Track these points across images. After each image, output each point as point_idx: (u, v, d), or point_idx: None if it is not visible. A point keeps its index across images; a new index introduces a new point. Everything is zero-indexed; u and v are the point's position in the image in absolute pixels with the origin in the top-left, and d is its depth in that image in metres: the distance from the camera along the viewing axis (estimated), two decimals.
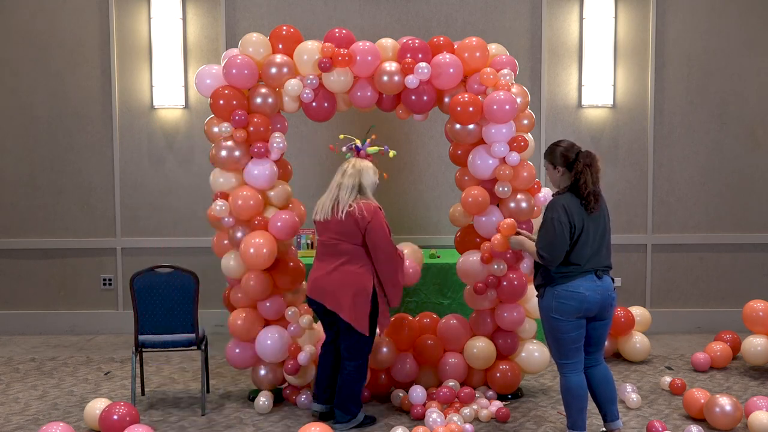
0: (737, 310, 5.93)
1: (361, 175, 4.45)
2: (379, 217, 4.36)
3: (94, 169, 6.77)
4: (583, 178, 4.06)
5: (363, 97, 4.85)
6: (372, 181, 4.49)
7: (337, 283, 4.35)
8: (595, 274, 4.05)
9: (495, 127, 4.69)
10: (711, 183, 6.77)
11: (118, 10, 6.65)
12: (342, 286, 4.34)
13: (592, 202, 4.05)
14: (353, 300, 4.31)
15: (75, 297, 6.84)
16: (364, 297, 4.33)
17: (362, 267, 4.36)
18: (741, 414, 4.50)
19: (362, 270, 4.36)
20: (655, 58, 6.67)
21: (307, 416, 4.76)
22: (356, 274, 4.35)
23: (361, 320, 4.33)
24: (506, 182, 4.76)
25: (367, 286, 4.33)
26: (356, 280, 4.34)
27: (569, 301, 3.99)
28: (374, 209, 4.36)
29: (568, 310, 4.00)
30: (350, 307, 4.31)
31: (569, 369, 4.11)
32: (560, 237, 3.96)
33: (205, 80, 4.81)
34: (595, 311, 4.05)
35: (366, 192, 4.44)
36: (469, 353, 4.92)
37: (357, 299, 4.32)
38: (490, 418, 4.65)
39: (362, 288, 4.33)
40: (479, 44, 4.83)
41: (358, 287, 4.33)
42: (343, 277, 4.35)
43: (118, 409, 4.33)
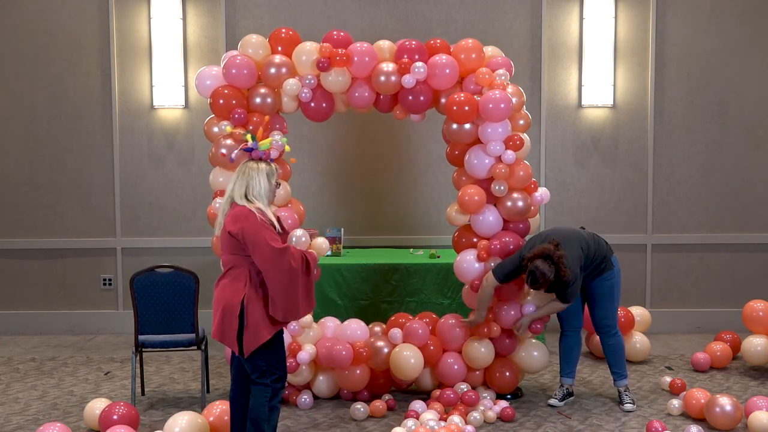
0: (737, 310, 5.93)
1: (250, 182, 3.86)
2: (252, 219, 3.76)
3: (94, 169, 6.77)
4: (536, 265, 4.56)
5: (360, 98, 4.87)
6: (264, 186, 3.88)
7: (215, 299, 3.89)
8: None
9: (491, 126, 4.72)
10: (711, 183, 6.77)
11: (118, 10, 6.65)
12: (216, 301, 3.87)
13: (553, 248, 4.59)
14: (221, 316, 3.81)
15: (75, 297, 6.84)
16: (230, 312, 3.78)
17: (234, 280, 3.82)
18: (741, 414, 4.50)
19: (232, 283, 3.82)
20: (655, 58, 6.67)
21: (308, 416, 4.76)
22: (226, 289, 3.83)
23: (228, 338, 3.80)
24: (502, 181, 4.77)
25: (233, 299, 3.78)
26: (225, 294, 3.82)
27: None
28: (246, 212, 3.78)
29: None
30: (217, 324, 3.83)
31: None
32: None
33: (205, 81, 4.83)
34: None
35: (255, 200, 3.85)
36: (468, 353, 4.92)
37: (224, 315, 3.80)
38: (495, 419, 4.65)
39: (229, 302, 3.79)
40: (475, 46, 4.88)
41: (225, 301, 3.80)
42: (218, 292, 3.88)
43: (118, 409, 4.34)
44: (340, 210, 6.76)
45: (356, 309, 5.67)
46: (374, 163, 6.76)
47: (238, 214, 3.79)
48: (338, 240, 6.11)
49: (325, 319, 5.14)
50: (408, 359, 4.84)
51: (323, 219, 6.64)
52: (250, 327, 3.77)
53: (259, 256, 3.74)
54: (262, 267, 3.76)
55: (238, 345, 3.79)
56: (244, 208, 3.81)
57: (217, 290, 3.89)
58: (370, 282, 5.70)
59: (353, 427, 4.60)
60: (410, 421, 4.46)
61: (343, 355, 4.78)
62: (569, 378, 4.98)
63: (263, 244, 3.72)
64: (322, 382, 4.96)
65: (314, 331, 4.97)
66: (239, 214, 3.79)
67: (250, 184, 3.86)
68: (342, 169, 6.76)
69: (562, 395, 4.93)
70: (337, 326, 5.06)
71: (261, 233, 3.73)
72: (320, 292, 5.62)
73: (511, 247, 4.84)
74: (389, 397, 4.93)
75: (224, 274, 3.89)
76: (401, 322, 5.07)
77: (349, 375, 4.87)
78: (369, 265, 5.72)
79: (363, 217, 6.77)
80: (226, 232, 3.82)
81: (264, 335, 3.79)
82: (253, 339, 3.77)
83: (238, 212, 3.80)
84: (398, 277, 5.71)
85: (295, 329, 4.83)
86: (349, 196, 6.77)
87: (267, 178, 3.89)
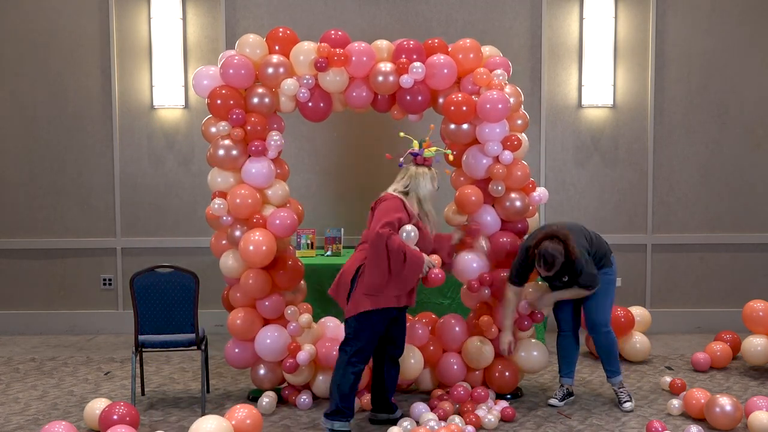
0: (737, 310, 5.92)
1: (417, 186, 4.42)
2: (391, 202, 4.29)
3: (94, 169, 6.77)
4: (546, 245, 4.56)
5: (358, 97, 4.87)
6: (428, 190, 4.42)
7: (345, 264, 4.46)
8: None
9: (488, 126, 4.72)
10: (711, 183, 6.76)
11: (118, 10, 6.65)
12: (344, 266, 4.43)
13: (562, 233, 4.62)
14: (339, 278, 4.40)
15: (75, 297, 6.84)
16: (345, 277, 4.35)
17: (360, 251, 4.38)
18: (741, 414, 4.49)
19: (358, 254, 4.38)
20: (655, 58, 6.67)
21: (308, 416, 4.76)
22: (352, 257, 4.41)
23: (341, 298, 4.38)
24: (500, 181, 4.78)
25: (351, 266, 4.34)
26: (350, 262, 4.39)
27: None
28: (391, 197, 4.34)
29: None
30: (334, 284, 4.42)
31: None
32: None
33: (203, 81, 4.82)
34: None
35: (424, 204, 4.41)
36: (468, 353, 4.92)
37: (341, 278, 4.37)
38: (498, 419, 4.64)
39: (348, 268, 4.36)
40: (473, 46, 4.87)
41: (346, 267, 4.38)
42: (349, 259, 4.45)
43: (118, 409, 4.33)
44: (340, 210, 6.75)
45: None
46: (374, 162, 6.74)
47: (385, 196, 4.36)
48: (338, 240, 6.11)
49: (325, 319, 5.14)
50: (408, 359, 4.84)
51: (323, 219, 6.64)
52: (356, 293, 4.27)
53: (370, 230, 4.27)
54: (368, 240, 4.26)
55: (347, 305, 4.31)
56: (394, 195, 4.36)
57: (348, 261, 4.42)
58: None
59: (353, 426, 4.60)
60: (407, 421, 4.46)
61: None
62: (569, 378, 4.98)
63: (375, 223, 4.22)
64: (322, 382, 4.95)
65: (314, 331, 4.97)
66: (385, 196, 4.36)
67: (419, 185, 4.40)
68: (342, 169, 6.76)
69: (562, 395, 4.94)
70: (337, 326, 5.06)
71: (381, 218, 4.21)
72: (320, 292, 5.61)
73: (509, 248, 4.83)
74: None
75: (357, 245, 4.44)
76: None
77: None
78: None
79: (363, 217, 6.65)
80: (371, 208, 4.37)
81: (365, 305, 4.24)
82: (355, 304, 4.27)
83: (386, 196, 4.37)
84: None
85: (294, 329, 4.84)
86: (349, 196, 6.77)
87: (431, 181, 4.43)
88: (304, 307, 4.98)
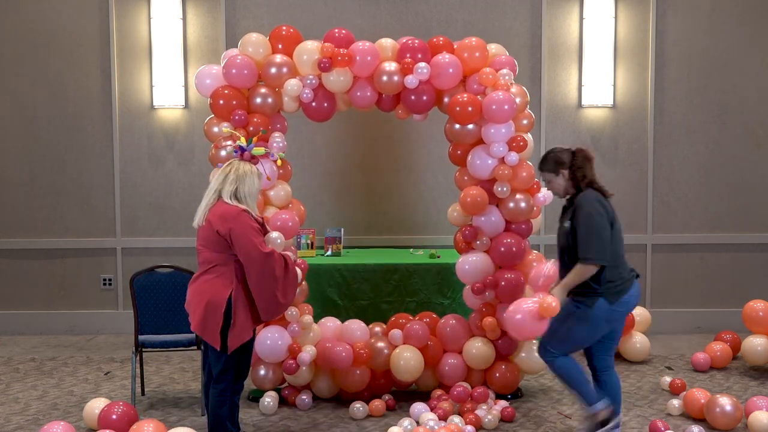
0: (737, 310, 5.93)
1: (242, 182, 3.98)
2: (242, 219, 3.88)
3: (94, 169, 6.77)
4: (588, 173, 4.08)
5: (362, 97, 4.85)
6: (255, 188, 4.03)
7: (196, 294, 3.96)
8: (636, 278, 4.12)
9: (494, 127, 4.69)
10: (711, 183, 6.77)
11: (118, 10, 6.65)
12: (197, 296, 3.94)
13: (608, 193, 4.10)
14: (204, 311, 3.89)
15: (75, 297, 6.84)
16: (214, 308, 3.87)
17: (219, 277, 3.91)
18: (741, 414, 4.50)
19: (217, 279, 3.91)
20: (655, 58, 6.67)
21: (308, 416, 4.76)
22: (211, 284, 3.91)
23: (210, 333, 3.90)
24: (505, 182, 4.76)
25: (219, 296, 3.88)
26: (210, 289, 3.90)
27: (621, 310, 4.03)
28: (236, 213, 3.89)
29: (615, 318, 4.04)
30: (200, 319, 3.91)
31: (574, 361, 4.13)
32: (606, 231, 3.94)
33: (205, 80, 4.81)
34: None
35: (244, 200, 3.98)
36: (469, 353, 4.92)
37: (207, 310, 3.89)
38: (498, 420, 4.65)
39: (214, 298, 3.88)
40: (478, 44, 4.83)
41: (210, 297, 3.88)
42: (199, 286, 3.95)
43: (117, 408, 4.33)
44: (340, 210, 6.75)
45: (356, 309, 5.67)
46: (374, 163, 6.76)
47: (228, 213, 3.88)
48: (338, 240, 6.11)
49: (326, 320, 5.14)
50: (408, 361, 4.84)
51: (323, 219, 6.64)
52: (237, 325, 3.90)
53: (246, 259, 3.86)
54: (249, 270, 3.88)
55: (221, 340, 3.90)
56: (234, 208, 3.91)
57: (198, 284, 3.96)
58: (370, 282, 5.70)
59: (353, 426, 4.60)
60: (407, 421, 4.46)
61: (343, 357, 4.78)
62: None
63: (252, 249, 3.85)
64: (323, 382, 4.96)
65: (314, 332, 4.97)
66: (228, 214, 3.88)
67: (244, 183, 3.98)
68: (342, 169, 6.76)
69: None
70: (337, 327, 5.06)
71: (251, 238, 3.86)
72: (320, 292, 5.62)
73: (514, 249, 4.82)
74: (389, 397, 4.93)
75: (207, 270, 3.95)
76: (401, 322, 5.07)
77: (349, 376, 4.87)
78: (369, 265, 5.72)
79: (363, 217, 6.77)
80: (214, 231, 3.89)
81: (249, 333, 3.98)
82: (238, 336, 3.92)
83: (228, 211, 3.89)
84: (398, 277, 5.71)
85: (295, 330, 4.84)
86: (349, 196, 6.77)
87: (258, 179, 4.05)
88: (304, 308, 4.98)
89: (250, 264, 3.87)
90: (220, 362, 3.99)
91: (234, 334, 3.90)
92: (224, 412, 4.04)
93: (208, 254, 3.95)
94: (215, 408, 4.04)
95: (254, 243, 3.86)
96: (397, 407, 4.87)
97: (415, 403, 4.71)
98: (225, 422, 4.05)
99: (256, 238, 3.88)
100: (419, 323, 5.00)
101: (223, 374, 4.02)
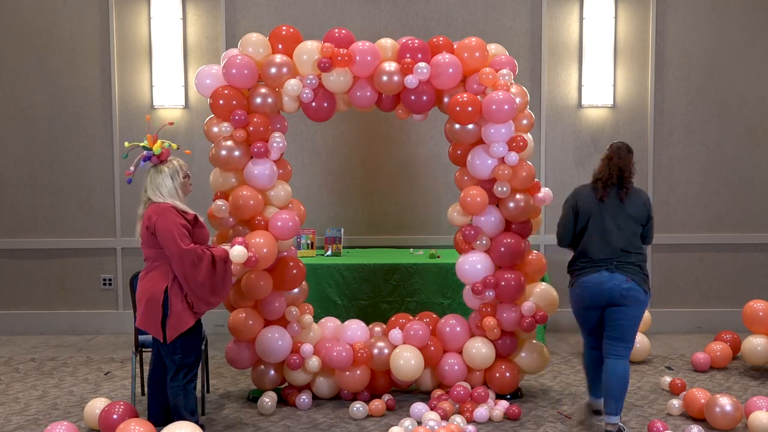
0: (737, 310, 5.93)
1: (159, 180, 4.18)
2: (166, 216, 4.06)
3: (94, 169, 6.77)
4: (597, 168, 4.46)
5: (362, 97, 4.84)
6: (171, 184, 4.18)
7: (140, 291, 4.18)
8: (606, 269, 4.26)
9: (494, 127, 4.69)
10: (711, 183, 6.77)
11: (118, 10, 6.65)
12: (141, 293, 4.16)
13: (600, 190, 4.35)
14: (145, 306, 4.11)
15: (75, 297, 6.84)
16: (154, 302, 4.08)
17: (155, 270, 4.12)
18: (741, 414, 4.50)
19: (155, 274, 4.11)
20: (655, 58, 6.67)
21: (308, 416, 4.77)
22: (150, 280, 4.12)
23: (153, 326, 4.10)
24: (505, 182, 4.76)
25: (156, 290, 4.08)
26: (149, 285, 4.11)
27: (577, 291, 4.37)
28: (162, 209, 4.09)
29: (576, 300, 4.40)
30: (141, 314, 4.12)
31: (584, 345, 4.56)
32: (566, 217, 4.44)
33: (205, 80, 4.81)
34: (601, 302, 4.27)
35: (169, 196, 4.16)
36: (469, 353, 4.92)
37: (148, 305, 4.10)
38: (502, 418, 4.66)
39: (153, 293, 4.09)
40: (478, 44, 4.83)
41: (150, 293, 4.09)
42: (143, 284, 4.16)
43: (118, 408, 4.34)
44: (340, 210, 6.76)
45: (356, 309, 5.67)
46: (374, 163, 6.76)
47: (157, 209, 4.11)
48: (338, 240, 6.11)
49: (326, 320, 5.14)
50: (408, 360, 4.84)
51: (323, 219, 6.64)
52: (173, 316, 4.08)
53: (168, 253, 4.05)
54: (172, 262, 4.06)
55: (162, 332, 4.10)
56: (162, 204, 4.13)
57: (142, 283, 4.17)
58: (370, 282, 5.70)
59: (353, 426, 4.61)
60: (408, 421, 4.46)
61: (343, 357, 4.78)
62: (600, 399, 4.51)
63: (171, 242, 4.03)
64: (323, 382, 4.96)
65: (314, 332, 4.97)
66: (157, 209, 4.11)
67: (159, 186, 4.18)
68: (342, 169, 6.76)
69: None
70: (337, 327, 5.07)
71: (171, 231, 4.03)
72: (320, 292, 5.62)
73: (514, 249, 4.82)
74: (389, 397, 4.93)
75: (147, 267, 4.17)
76: (401, 322, 5.07)
77: (349, 376, 4.87)
78: (369, 265, 5.72)
79: (363, 217, 6.77)
80: (144, 227, 4.13)
81: (187, 323, 4.11)
82: (175, 326, 4.09)
83: (157, 207, 4.12)
84: (398, 277, 5.71)
85: (296, 329, 4.84)
86: (349, 196, 6.77)
87: (170, 178, 4.20)
88: (305, 307, 4.98)
89: (171, 258, 4.04)
90: (168, 355, 4.15)
91: (171, 324, 4.07)
92: (180, 402, 4.18)
93: (147, 251, 4.16)
94: (173, 399, 4.19)
95: (174, 238, 4.02)
96: (397, 407, 4.88)
97: (415, 403, 4.71)
98: (182, 411, 4.18)
99: (176, 231, 4.03)
100: (419, 323, 5.00)
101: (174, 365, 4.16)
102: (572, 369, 5.71)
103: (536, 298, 4.90)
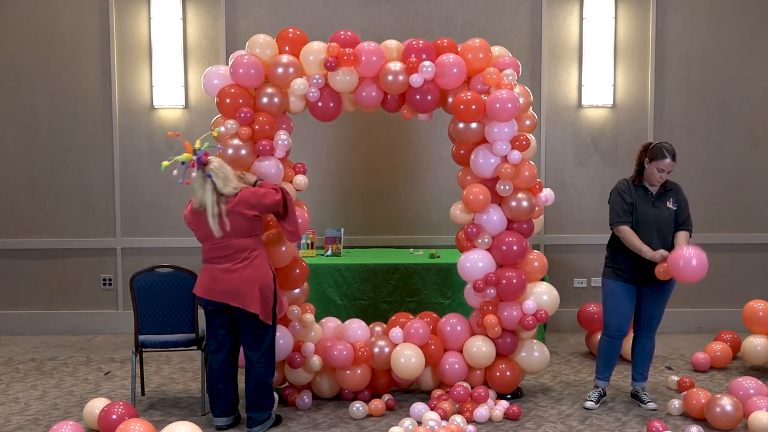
0: (737, 310, 5.93)
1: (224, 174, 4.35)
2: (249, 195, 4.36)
3: (94, 169, 6.77)
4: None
5: (368, 97, 4.86)
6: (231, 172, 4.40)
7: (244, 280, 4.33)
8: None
9: (497, 125, 4.71)
10: (711, 183, 6.77)
11: (118, 10, 6.65)
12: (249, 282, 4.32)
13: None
14: (260, 293, 4.34)
15: (75, 297, 6.84)
16: (268, 288, 4.38)
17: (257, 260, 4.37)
18: (741, 414, 4.50)
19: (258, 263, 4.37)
20: (655, 58, 6.67)
21: (308, 416, 4.77)
22: (255, 269, 4.36)
23: (268, 311, 4.40)
24: (508, 180, 4.77)
25: (267, 277, 4.39)
26: (256, 274, 4.35)
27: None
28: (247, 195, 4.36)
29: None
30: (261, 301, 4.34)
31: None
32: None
33: (213, 80, 4.82)
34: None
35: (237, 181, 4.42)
36: (469, 352, 4.92)
37: (263, 292, 4.35)
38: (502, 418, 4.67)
39: (264, 280, 4.36)
40: (482, 45, 4.86)
41: (261, 280, 4.35)
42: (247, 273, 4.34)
43: (117, 408, 4.33)
44: (340, 210, 6.76)
45: (356, 309, 5.67)
46: (374, 163, 6.76)
47: (242, 196, 4.33)
48: (338, 240, 6.11)
49: (326, 320, 5.15)
50: (409, 359, 4.84)
51: (323, 219, 6.64)
52: (280, 299, 4.58)
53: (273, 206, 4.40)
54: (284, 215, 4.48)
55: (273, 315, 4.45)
56: (241, 191, 4.35)
57: (249, 270, 4.34)
58: (370, 282, 5.71)
59: (353, 426, 4.60)
60: (408, 421, 4.46)
61: (344, 356, 4.78)
62: (606, 381, 4.96)
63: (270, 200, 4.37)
64: (323, 381, 4.96)
65: (315, 332, 4.97)
66: (242, 197, 4.33)
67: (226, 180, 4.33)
68: (342, 169, 6.76)
69: (598, 397, 4.91)
70: (338, 326, 5.07)
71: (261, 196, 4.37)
72: (320, 292, 5.62)
73: (515, 248, 4.82)
74: (389, 397, 4.93)
75: (247, 256, 4.35)
76: (402, 321, 5.07)
77: (349, 375, 4.87)
78: (369, 265, 5.72)
79: (363, 217, 6.77)
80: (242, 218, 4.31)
81: (286, 304, 4.76)
82: (281, 308, 4.68)
83: (241, 195, 4.34)
84: (398, 277, 5.71)
85: (297, 329, 4.84)
86: (349, 196, 6.77)
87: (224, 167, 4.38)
88: (306, 306, 4.98)
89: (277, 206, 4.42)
90: (265, 337, 4.44)
91: (279, 306, 4.59)
92: (271, 380, 4.54)
93: (242, 242, 4.35)
94: (264, 377, 4.48)
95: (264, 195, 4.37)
96: (397, 407, 4.88)
97: (415, 403, 4.71)
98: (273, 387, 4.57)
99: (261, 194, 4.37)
100: (420, 321, 5.00)
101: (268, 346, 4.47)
102: (572, 369, 5.71)
103: (537, 297, 4.91)
